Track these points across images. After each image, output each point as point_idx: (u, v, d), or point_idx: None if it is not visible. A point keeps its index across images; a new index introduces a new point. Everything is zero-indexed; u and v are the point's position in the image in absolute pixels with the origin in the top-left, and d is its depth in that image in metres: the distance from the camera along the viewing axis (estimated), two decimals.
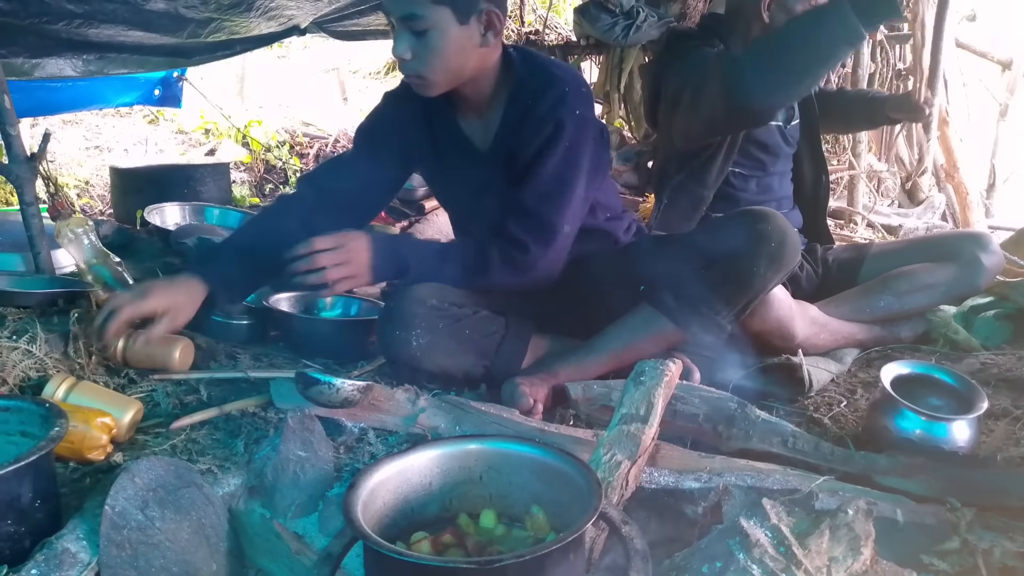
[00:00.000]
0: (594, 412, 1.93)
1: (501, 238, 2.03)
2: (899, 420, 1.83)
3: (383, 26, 4.08)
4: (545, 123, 2.00)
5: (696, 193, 2.63)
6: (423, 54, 1.91)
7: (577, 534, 1.14)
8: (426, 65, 1.93)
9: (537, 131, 2.01)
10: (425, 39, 1.89)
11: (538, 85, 2.03)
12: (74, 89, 3.97)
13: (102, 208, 4.91)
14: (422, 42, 1.90)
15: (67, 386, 1.82)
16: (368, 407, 1.84)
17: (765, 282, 2.00)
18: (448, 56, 1.93)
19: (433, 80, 1.97)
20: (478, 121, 2.13)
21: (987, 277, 2.51)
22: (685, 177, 2.66)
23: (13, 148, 2.34)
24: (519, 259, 2.03)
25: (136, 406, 1.83)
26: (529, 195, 2.02)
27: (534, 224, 2.03)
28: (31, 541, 1.34)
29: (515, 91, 2.06)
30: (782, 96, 2.27)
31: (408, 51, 1.91)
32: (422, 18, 1.87)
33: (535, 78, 2.05)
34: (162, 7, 2.85)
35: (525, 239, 2.02)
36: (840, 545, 1.21)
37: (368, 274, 1.96)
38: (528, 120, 2.02)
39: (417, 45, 1.90)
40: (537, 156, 2.01)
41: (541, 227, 2.03)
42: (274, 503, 1.57)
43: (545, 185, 2.02)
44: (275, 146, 5.94)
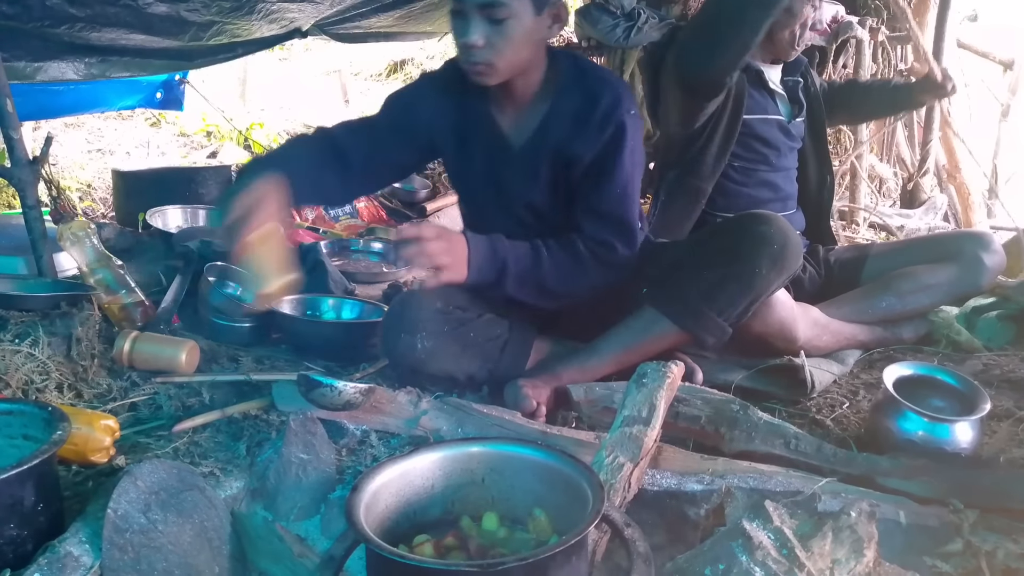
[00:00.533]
0: (596, 414, 1.93)
1: (585, 239, 2.06)
2: (902, 421, 1.82)
3: (384, 28, 4.08)
4: (606, 125, 2.01)
5: (692, 187, 2.63)
6: (497, 42, 1.89)
7: (580, 537, 1.14)
8: (498, 53, 1.90)
9: (599, 133, 2.02)
10: (502, 27, 1.88)
11: (592, 87, 2.04)
12: (76, 92, 3.98)
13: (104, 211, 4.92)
14: (497, 30, 1.88)
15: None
16: (370, 409, 1.84)
17: (767, 284, 2.00)
18: (519, 45, 1.92)
19: (500, 68, 1.94)
20: (515, 115, 2.11)
21: (989, 277, 2.50)
22: (681, 171, 2.66)
23: (15, 151, 2.35)
24: (608, 258, 2.07)
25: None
26: (606, 198, 2.06)
27: (615, 225, 2.08)
28: (34, 544, 1.34)
29: (563, 90, 2.06)
30: (718, 61, 2.27)
31: (482, 38, 1.88)
32: (504, 6, 1.86)
33: (586, 79, 2.06)
34: (164, 10, 2.85)
35: (610, 239, 2.07)
36: (843, 547, 1.20)
37: (465, 271, 1.92)
38: (586, 121, 2.02)
39: (491, 32, 1.88)
40: (605, 159, 2.03)
41: (622, 228, 2.09)
42: (276, 506, 1.57)
43: (620, 187, 2.06)
44: None
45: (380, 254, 3.74)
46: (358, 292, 2.97)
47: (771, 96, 2.69)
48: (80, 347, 2.06)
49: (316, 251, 2.92)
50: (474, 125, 2.13)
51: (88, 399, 1.97)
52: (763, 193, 2.67)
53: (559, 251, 2.05)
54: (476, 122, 2.13)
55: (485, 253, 1.95)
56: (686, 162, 2.63)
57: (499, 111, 2.11)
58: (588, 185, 2.06)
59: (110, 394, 2.01)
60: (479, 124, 2.12)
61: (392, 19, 3.90)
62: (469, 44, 1.89)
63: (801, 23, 2.52)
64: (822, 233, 2.86)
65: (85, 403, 1.95)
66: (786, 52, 2.61)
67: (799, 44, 2.58)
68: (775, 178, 2.70)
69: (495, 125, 2.12)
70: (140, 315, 2.39)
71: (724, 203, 2.64)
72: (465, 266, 1.92)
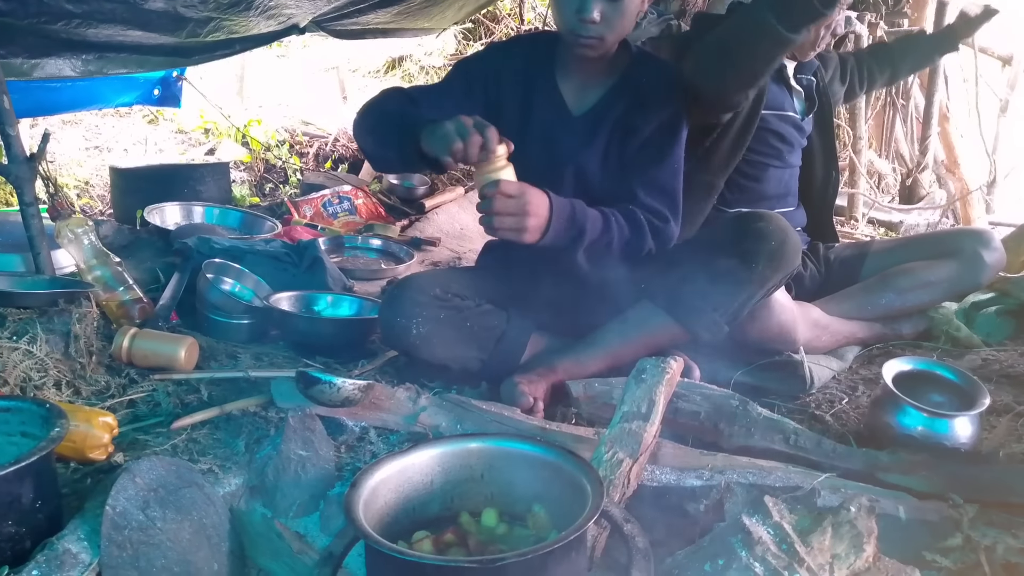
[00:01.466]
0: (595, 410, 1.93)
1: (642, 209, 2.09)
2: (901, 417, 1.82)
3: (382, 25, 4.07)
4: (669, 103, 2.14)
5: (704, 182, 2.60)
6: (612, 18, 1.98)
7: (579, 533, 1.14)
8: (611, 29, 2.00)
9: (662, 109, 2.13)
10: (618, 5, 1.97)
11: (657, 68, 2.18)
12: (73, 89, 3.96)
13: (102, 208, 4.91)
14: (614, 6, 1.97)
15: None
16: (369, 406, 1.84)
17: (764, 280, 2.00)
18: (630, 21, 2.04)
19: (609, 42, 2.04)
20: (579, 84, 2.18)
21: (988, 273, 2.50)
22: (692, 166, 2.64)
23: (13, 148, 2.34)
24: (662, 229, 2.10)
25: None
26: (663, 172, 2.14)
27: (669, 199, 2.14)
28: (32, 542, 1.34)
29: (631, 67, 2.17)
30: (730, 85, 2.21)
31: (600, 14, 1.96)
32: None
33: (650, 62, 2.21)
34: (161, 6, 2.83)
35: (663, 211, 2.11)
36: (842, 542, 1.21)
37: (539, 233, 1.91)
38: (650, 96, 2.13)
39: (608, 8, 1.97)
40: (664, 134, 2.14)
41: (674, 202, 2.15)
42: (275, 503, 1.57)
43: (675, 163, 2.15)
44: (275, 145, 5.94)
45: (378, 250, 3.74)
46: (356, 288, 2.97)
47: (789, 92, 2.68)
48: (78, 344, 2.05)
49: (314, 248, 2.92)
50: (539, 92, 2.19)
51: (86, 396, 1.97)
52: (772, 189, 2.66)
53: (624, 220, 2.06)
54: (540, 88, 2.19)
55: (566, 216, 1.95)
56: (698, 157, 2.60)
57: (564, 80, 2.19)
58: (646, 158, 2.13)
59: (108, 391, 2.01)
60: (543, 91, 2.19)
61: (390, 15, 3.89)
62: (588, 20, 1.96)
63: (826, 24, 2.50)
64: (824, 229, 2.85)
65: (83, 400, 1.94)
66: (805, 52, 2.59)
67: (819, 45, 2.57)
68: (784, 174, 2.69)
69: (556, 91, 2.19)
70: (138, 312, 2.39)
71: (734, 198, 2.63)
72: (540, 228, 1.91)
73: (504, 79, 2.20)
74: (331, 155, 5.94)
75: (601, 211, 2.03)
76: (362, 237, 3.82)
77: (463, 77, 2.24)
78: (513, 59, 2.22)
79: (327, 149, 6.01)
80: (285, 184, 5.53)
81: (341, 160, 5.86)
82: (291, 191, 5.29)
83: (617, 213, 2.06)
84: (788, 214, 2.67)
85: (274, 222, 3.70)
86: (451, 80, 2.25)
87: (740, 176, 2.63)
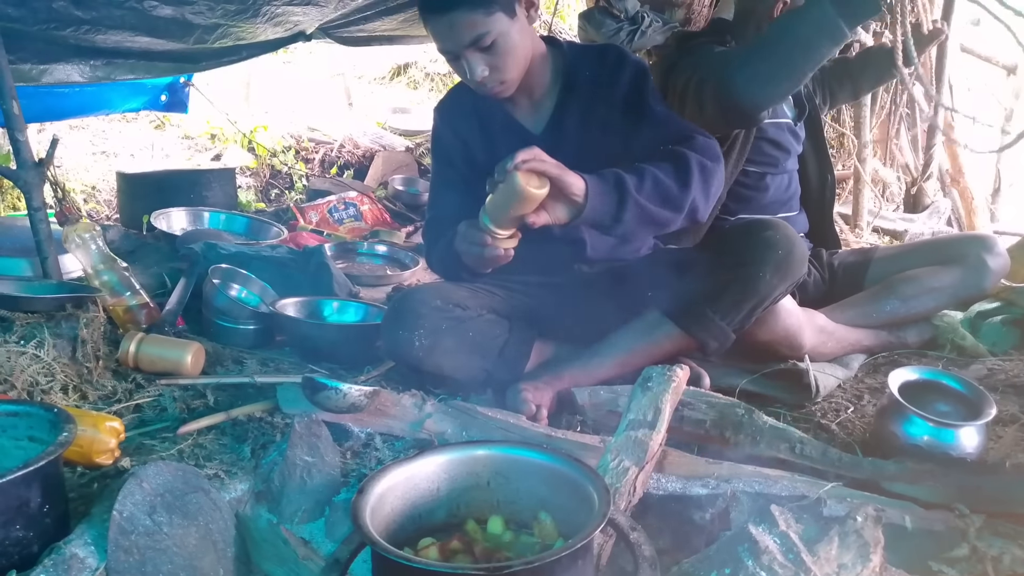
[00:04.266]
0: (601, 418, 1.93)
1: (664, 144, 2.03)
2: (907, 426, 1.82)
3: (388, 32, 4.08)
4: (619, 73, 2.11)
5: None
6: (498, 63, 1.97)
7: (585, 540, 1.14)
8: (503, 71, 1.99)
9: (616, 83, 2.11)
10: (493, 49, 1.95)
11: (595, 55, 2.16)
12: (81, 95, 3.98)
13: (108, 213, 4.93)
14: (492, 52, 1.95)
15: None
16: (375, 412, 1.84)
17: (771, 289, 1.99)
18: (517, 52, 1.99)
19: (512, 79, 2.03)
20: (529, 106, 2.18)
21: (993, 279, 2.51)
22: None
23: (22, 154, 2.35)
24: (695, 141, 2.01)
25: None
26: (662, 120, 2.10)
27: (687, 128, 2.08)
28: (39, 546, 1.34)
29: (571, 69, 2.14)
30: (771, 92, 2.27)
31: (485, 68, 1.97)
32: (486, 34, 1.92)
33: (588, 53, 2.18)
34: (169, 13, 2.85)
35: (695, 135, 2.04)
36: (849, 552, 1.20)
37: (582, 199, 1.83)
38: (599, 80, 2.12)
39: (489, 58, 1.96)
40: (636, 98, 2.10)
41: (684, 125, 2.11)
42: (281, 508, 1.57)
43: (662, 109, 2.12)
44: (281, 151, 5.96)
45: (384, 257, 3.74)
46: (362, 295, 2.98)
47: None
48: (85, 349, 2.06)
49: (320, 254, 2.92)
50: (496, 126, 2.20)
51: (93, 401, 1.98)
52: (772, 196, 2.67)
53: (663, 162, 1.96)
54: (496, 123, 2.20)
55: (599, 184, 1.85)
56: None
57: (513, 106, 2.19)
58: (634, 128, 2.11)
59: (115, 396, 2.02)
60: (499, 124, 2.19)
61: (396, 22, 3.90)
62: (477, 80, 1.98)
63: None
64: (825, 235, 2.86)
65: (90, 405, 1.95)
66: None
67: None
68: (783, 180, 2.70)
69: (512, 119, 2.19)
70: (145, 317, 2.40)
71: (735, 207, 2.63)
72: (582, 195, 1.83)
73: (462, 131, 2.24)
74: (337, 161, 5.96)
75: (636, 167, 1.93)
76: (368, 243, 3.82)
77: (442, 156, 2.32)
78: (460, 107, 2.25)
79: (333, 155, 6.03)
80: (291, 190, 5.55)
81: (347, 166, 5.87)
82: (297, 197, 5.30)
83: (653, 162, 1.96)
84: (790, 219, 2.68)
85: (280, 228, 3.71)
86: (439, 169, 2.35)
87: (739, 185, 2.64)
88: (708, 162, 1.99)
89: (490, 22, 1.90)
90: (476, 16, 1.89)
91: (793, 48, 2.16)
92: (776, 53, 2.19)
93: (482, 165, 2.17)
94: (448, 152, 2.29)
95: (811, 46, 2.13)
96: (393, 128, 6.70)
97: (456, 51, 1.96)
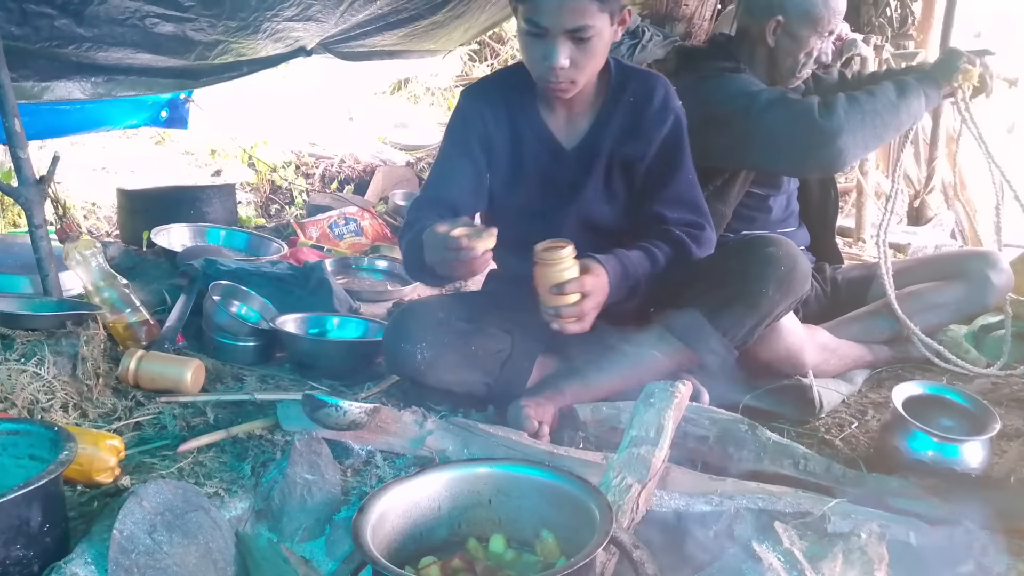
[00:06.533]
0: (603, 434, 1.93)
1: (676, 226, 2.09)
2: (911, 441, 1.81)
3: (388, 47, 4.10)
4: (666, 118, 2.09)
5: (717, 211, 2.60)
6: (581, 60, 1.92)
7: (588, 559, 1.13)
8: (582, 70, 1.94)
9: (659, 127, 2.09)
10: (586, 45, 1.90)
11: (642, 84, 2.10)
12: (82, 111, 3.99)
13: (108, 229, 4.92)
14: (582, 48, 1.91)
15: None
16: (375, 430, 1.83)
17: (773, 305, 1.99)
18: (598, 59, 1.97)
19: (582, 83, 1.98)
20: (565, 118, 2.14)
21: (997, 295, 2.50)
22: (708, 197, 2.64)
23: (23, 171, 2.35)
24: (700, 237, 2.11)
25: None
26: (682, 186, 2.13)
27: (695, 208, 2.14)
28: (40, 565, 1.33)
29: (615, 89, 2.10)
30: (863, 151, 2.39)
31: (567, 59, 1.90)
32: (589, 27, 1.87)
33: (635, 76, 2.12)
34: (170, 30, 2.86)
35: (698, 221, 2.12)
36: (853, 569, 1.20)
37: None
38: (642, 119, 2.09)
39: (576, 52, 1.91)
40: (671, 150, 2.11)
41: (701, 209, 2.16)
42: (281, 527, 1.57)
43: (689, 173, 2.14)
44: (281, 166, 5.96)
45: (385, 272, 3.74)
46: (362, 310, 2.97)
47: None
48: (85, 366, 2.06)
49: (320, 269, 2.92)
50: (525, 130, 2.14)
51: (93, 418, 1.97)
52: (774, 214, 2.67)
53: (665, 245, 2.06)
54: (526, 127, 2.14)
55: (620, 279, 1.95)
56: (711, 190, 2.60)
57: (549, 114, 2.13)
58: (659, 178, 2.12)
59: (115, 413, 2.01)
60: (530, 128, 2.14)
61: (396, 37, 3.92)
62: (555, 66, 1.90)
63: (805, 52, 2.50)
64: (827, 250, 2.85)
65: (90, 423, 1.94)
66: (786, 80, 2.58)
67: (800, 73, 2.56)
68: (784, 199, 2.70)
69: (544, 128, 2.13)
70: (145, 334, 2.40)
71: (738, 226, 2.63)
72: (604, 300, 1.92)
73: (489, 120, 2.14)
74: (337, 176, 5.96)
75: (647, 252, 2.03)
76: (368, 258, 3.81)
77: (458, 137, 2.17)
78: (493, 99, 2.15)
79: (333, 170, 6.03)
80: (291, 205, 5.55)
81: (347, 181, 5.88)
82: (297, 212, 5.30)
83: (656, 242, 2.06)
84: (790, 235, 2.67)
85: (280, 244, 3.70)
86: (450, 151, 2.19)
87: (744, 207, 2.64)
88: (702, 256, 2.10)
89: (598, 17, 1.88)
90: (591, 4, 1.85)
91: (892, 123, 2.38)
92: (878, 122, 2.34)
93: (500, 162, 2.16)
94: (467, 135, 2.15)
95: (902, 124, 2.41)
96: (393, 143, 6.71)
97: (553, 30, 1.87)
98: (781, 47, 2.49)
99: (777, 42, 2.49)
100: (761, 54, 2.54)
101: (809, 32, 2.45)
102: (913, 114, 2.38)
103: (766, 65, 2.55)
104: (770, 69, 2.56)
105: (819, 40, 2.49)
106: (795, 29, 2.45)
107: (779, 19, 2.46)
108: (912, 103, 2.37)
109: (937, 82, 2.39)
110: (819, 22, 2.45)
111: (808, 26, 2.45)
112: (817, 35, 2.47)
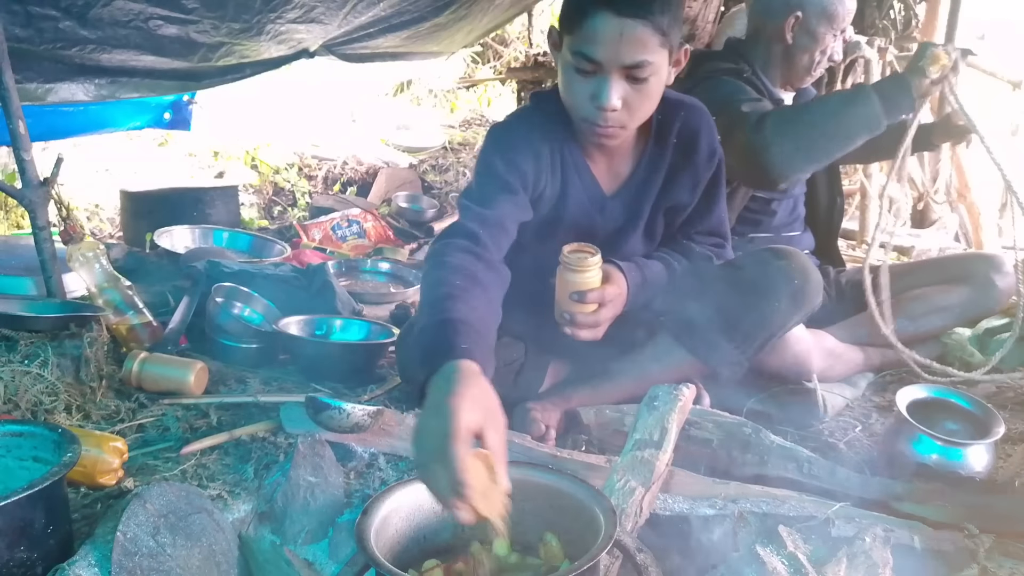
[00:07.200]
0: (607, 437, 1.92)
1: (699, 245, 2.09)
2: (916, 445, 1.81)
3: (391, 49, 4.10)
4: (712, 162, 1.98)
5: None
6: (635, 102, 1.72)
7: (592, 562, 1.13)
8: (633, 114, 1.75)
9: (707, 170, 1.99)
10: (642, 87, 1.70)
11: (687, 119, 1.93)
12: (85, 113, 3.99)
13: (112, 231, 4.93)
14: (637, 89, 1.70)
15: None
16: (379, 432, 1.83)
17: (785, 319, 1.98)
18: (653, 101, 1.77)
19: (632, 129, 1.81)
20: (606, 161, 1.96)
21: (1001, 298, 2.50)
22: None
23: (27, 173, 2.35)
24: (721, 253, 2.11)
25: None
26: (715, 218, 2.09)
27: (721, 232, 2.12)
28: (43, 567, 1.33)
29: (660, 127, 1.92)
30: (798, 169, 2.28)
31: (620, 100, 1.69)
32: (648, 64, 1.66)
33: (678, 110, 1.92)
34: (174, 32, 2.87)
35: (720, 240, 2.12)
36: (858, 573, 1.20)
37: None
38: (690, 159, 1.94)
39: (630, 93, 1.70)
40: (711, 188, 2.03)
41: (726, 231, 2.13)
42: (284, 529, 1.56)
43: (723, 206, 2.10)
44: (284, 168, 5.96)
45: (388, 274, 3.74)
46: (366, 313, 2.97)
47: None
48: (89, 368, 2.06)
49: (324, 271, 2.92)
50: (569, 168, 1.94)
51: (96, 420, 1.97)
52: (778, 217, 2.67)
53: (686, 261, 2.06)
54: (571, 164, 1.93)
55: (637, 289, 1.93)
56: None
57: (590, 159, 1.95)
58: (698, 215, 2.08)
59: (118, 415, 2.01)
60: (573, 166, 1.94)
61: (399, 39, 3.92)
62: (606, 108, 1.69)
63: (821, 50, 2.51)
64: (831, 254, 2.85)
65: (93, 424, 1.95)
66: (801, 79, 2.59)
67: (815, 71, 2.57)
68: (789, 204, 2.70)
69: (587, 170, 1.95)
70: (148, 336, 2.40)
71: (743, 229, 2.63)
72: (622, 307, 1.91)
73: (542, 159, 1.89)
74: (340, 178, 5.97)
75: (665, 264, 2.02)
76: (371, 260, 3.82)
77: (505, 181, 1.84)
78: (544, 135, 1.89)
79: (336, 172, 6.03)
80: (294, 207, 5.55)
81: (350, 183, 5.88)
82: (300, 214, 5.30)
83: (676, 255, 2.05)
84: (795, 238, 2.68)
85: (283, 245, 3.71)
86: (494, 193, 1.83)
87: (749, 211, 2.64)
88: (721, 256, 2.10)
89: (658, 53, 1.67)
90: (652, 37, 1.64)
91: (833, 135, 2.22)
92: (813, 135, 2.22)
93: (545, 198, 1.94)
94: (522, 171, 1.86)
95: (849, 135, 2.22)
96: (396, 145, 6.71)
97: (607, 66, 1.66)
98: (798, 44, 2.50)
99: (795, 39, 2.49)
100: (777, 53, 2.54)
101: (826, 29, 2.47)
102: (865, 121, 2.19)
103: (781, 64, 2.55)
104: (785, 68, 2.56)
105: (834, 38, 2.50)
106: (813, 26, 2.47)
107: (798, 15, 2.47)
108: (860, 109, 2.19)
109: (907, 81, 2.22)
110: (836, 18, 2.47)
111: (825, 22, 2.47)
112: (832, 33, 2.49)
